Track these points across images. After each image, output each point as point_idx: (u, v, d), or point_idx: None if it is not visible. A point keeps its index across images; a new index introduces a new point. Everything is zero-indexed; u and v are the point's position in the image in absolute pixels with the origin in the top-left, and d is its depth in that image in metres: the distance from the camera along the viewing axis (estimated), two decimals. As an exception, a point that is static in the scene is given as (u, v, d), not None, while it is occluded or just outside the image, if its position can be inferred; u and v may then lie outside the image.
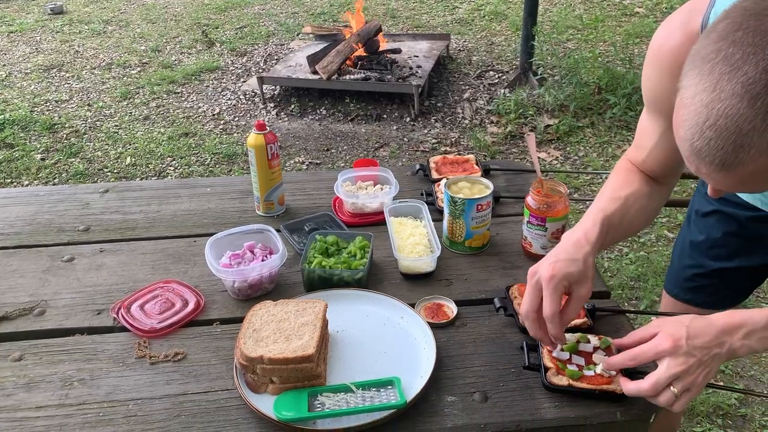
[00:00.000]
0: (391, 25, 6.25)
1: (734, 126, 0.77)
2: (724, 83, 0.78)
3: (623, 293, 2.83)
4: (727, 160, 0.80)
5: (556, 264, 1.07)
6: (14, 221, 1.65)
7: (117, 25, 6.68)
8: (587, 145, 4.08)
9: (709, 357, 0.98)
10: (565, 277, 1.06)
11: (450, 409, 1.07)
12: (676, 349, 0.98)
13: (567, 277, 1.06)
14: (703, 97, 0.80)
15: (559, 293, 1.06)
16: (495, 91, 4.79)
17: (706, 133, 0.80)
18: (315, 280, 1.36)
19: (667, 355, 0.98)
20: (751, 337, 0.98)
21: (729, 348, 0.98)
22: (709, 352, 0.98)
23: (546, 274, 1.06)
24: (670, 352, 0.98)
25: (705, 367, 0.98)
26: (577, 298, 1.09)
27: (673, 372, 0.97)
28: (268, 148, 1.56)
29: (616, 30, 5.75)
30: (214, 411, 1.08)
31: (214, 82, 5.20)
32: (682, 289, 1.54)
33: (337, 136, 4.36)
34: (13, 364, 1.19)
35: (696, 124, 0.81)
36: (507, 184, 1.75)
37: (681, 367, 0.97)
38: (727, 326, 0.99)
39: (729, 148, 0.79)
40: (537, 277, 1.08)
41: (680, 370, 0.97)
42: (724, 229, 1.44)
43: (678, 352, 0.98)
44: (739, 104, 0.77)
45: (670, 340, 0.99)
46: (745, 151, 0.78)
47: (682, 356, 0.97)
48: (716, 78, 0.79)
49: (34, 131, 4.53)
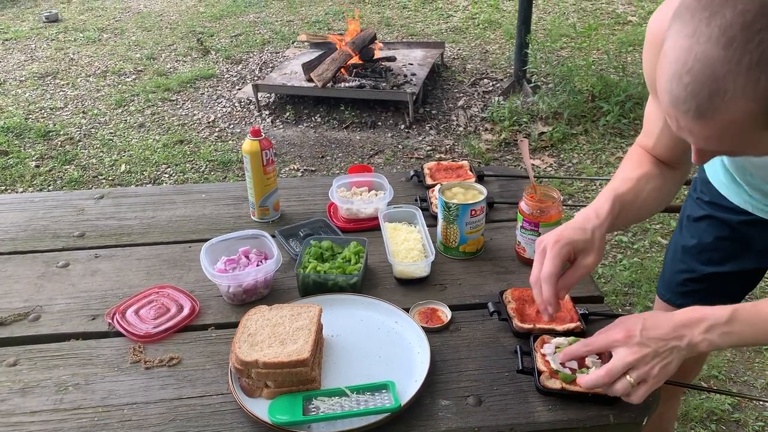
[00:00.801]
0: (385, 33, 6.28)
1: (709, 70, 0.76)
2: (703, 27, 0.77)
3: (617, 299, 2.85)
4: (702, 106, 0.79)
5: (563, 231, 1.09)
6: (9, 227, 1.65)
7: (112, 33, 6.69)
8: (581, 152, 4.11)
9: (666, 349, 0.98)
10: (569, 242, 1.07)
11: (444, 413, 1.08)
12: (629, 339, 0.99)
13: (572, 243, 1.08)
14: (683, 43, 0.79)
15: (560, 257, 1.07)
16: (489, 99, 4.81)
17: (684, 78, 0.79)
18: (310, 285, 1.36)
19: (620, 344, 1.00)
20: (713, 331, 0.98)
21: (689, 342, 0.98)
22: (666, 344, 0.98)
23: (551, 238, 1.08)
24: (622, 342, 1.00)
25: (662, 358, 0.98)
26: (581, 266, 1.09)
27: (627, 360, 0.98)
28: (263, 154, 1.57)
29: (609, 38, 5.79)
30: (209, 415, 1.08)
31: (209, 90, 5.21)
32: (675, 293, 1.55)
33: (331, 143, 4.37)
34: (8, 369, 1.19)
35: (675, 71, 0.80)
36: (501, 189, 1.76)
37: (634, 356, 0.98)
38: (687, 320, 1.00)
39: (704, 93, 0.78)
40: (543, 244, 1.10)
41: (634, 359, 0.98)
42: (715, 233, 1.44)
43: (630, 342, 0.99)
44: (715, 47, 0.76)
45: (623, 331, 1.01)
46: (720, 96, 0.77)
47: (636, 346, 0.99)
48: (696, 24, 0.78)
49: (28, 138, 4.53)
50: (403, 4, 7.23)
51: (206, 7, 7.50)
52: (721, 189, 1.40)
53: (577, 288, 1.35)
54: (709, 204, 1.44)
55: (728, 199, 1.39)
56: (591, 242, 1.09)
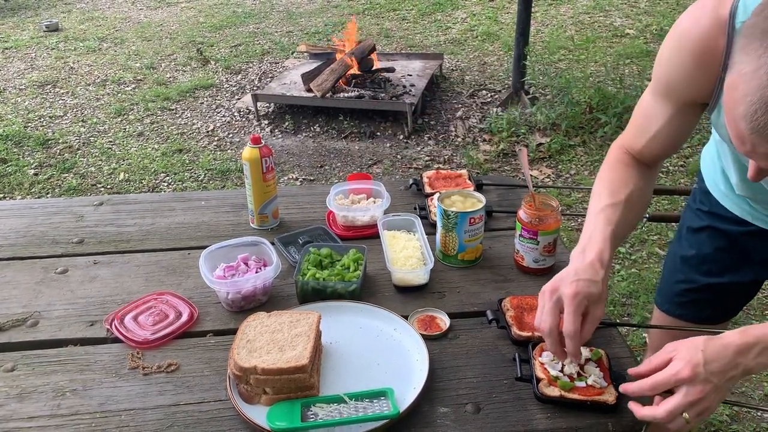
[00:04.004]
0: (385, 44, 6.31)
1: None
2: None
3: (615, 310, 2.85)
4: None
5: (578, 283, 1.07)
6: (8, 233, 1.65)
7: (112, 43, 6.72)
8: (579, 163, 4.12)
9: (724, 381, 0.97)
10: (586, 296, 1.06)
11: (442, 420, 1.08)
12: (695, 377, 0.96)
13: (588, 297, 1.07)
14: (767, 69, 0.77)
15: (580, 311, 1.06)
16: (487, 110, 4.83)
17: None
18: (309, 292, 1.36)
19: (686, 383, 0.97)
20: (765, 354, 0.97)
21: (744, 368, 0.97)
22: (725, 375, 0.97)
23: (569, 291, 1.06)
24: (689, 380, 0.97)
25: (720, 391, 0.97)
26: (593, 319, 1.09)
27: (691, 400, 0.96)
28: (263, 161, 1.57)
29: (606, 51, 5.83)
30: (206, 422, 1.08)
31: (209, 100, 5.22)
32: (673, 304, 1.55)
33: (330, 153, 4.38)
34: (6, 375, 1.19)
35: (761, 98, 0.78)
36: (499, 198, 1.77)
37: (698, 395, 0.96)
38: (742, 347, 0.97)
39: None
40: (558, 295, 1.08)
41: (697, 398, 0.96)
42: (715, 244, 1.44)
43: (697, 379, 0.96)
44: None
45: (689, 368, 0.97)
46: None
47: (700, 384, 0.96)
48: None
49: (27, 146, 4.53)
50: (403, 16, 7.28)
51: (206, 17, 7.53)
52: (721, 200, 1.41)
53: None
54: (708, 215, 1.45)
55: (728, 209, 1.39)
56: (601, 295, 1.08)
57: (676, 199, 3.55)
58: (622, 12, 6.88)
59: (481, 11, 7.22)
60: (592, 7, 7.03)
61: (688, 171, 3.93)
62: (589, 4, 7.14)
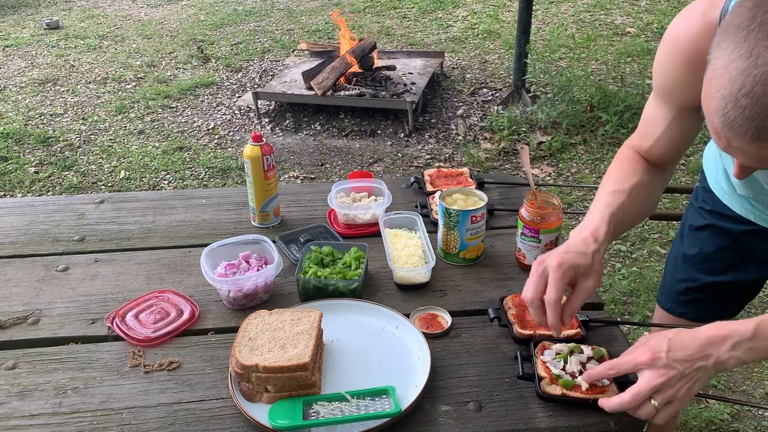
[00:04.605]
0: (385, 42, 6.31)
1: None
2: (761, 49, 0.75)
3: (616, 308, 2.84)
4: (761, 128, 0.77)
5: (565, 254, 1.09)
6: (9, 231, 1.64)
7: (113, 41, 6.71)
8: (579, 161, 4.12)
9: (692, 370, 0.97)
10: (572, 266, 1.08)
11: (444, 419, 1.08)
12: (654, 362, 0.98)
13: (574, 268, 1.08)
14: (738, 64, 0.77)
15: (564, 281, 1.07)
16: (488, 108, 4.83)
17: (741, 101, 0.77)
18: (310, 290, 1.36)
19: (646, 367, 0.99)
20: (739, 348, 0.97)
21: (716, 360, 0.97)
22: (692, 365, 0.97)
23: (554, 262, 1.08)
24: (648, 365, 0.98)
25: (688, 380, 0.97)
26: (582, 290, 1.10)
27: (653, 384, 0.97)
28: (264, 159, 1.57)
29: (607, 49, 5.82)
30: (208, 420, 1.08)
31: (209, 97, 5.22)
32: (675, 302, 1.55)
33: (331, 151, 4.38)
34: (7, 373, 1.19)
35: (730, 92, 0.78)
36: (501, 197, 1.76)
37: (660, 379, 0.97)
38: (713, 338, 0.98)
39: (765, 115, 0.76)
40: (544, 265, 1.09)
41: (660, 382, 0.97)
42: (717, 243, 1.44)
43: (656, 364, 0.97)
44: None
45: (649, 353, 0.99)
46: None
47: (662, 368, 0.97)
48: (752, 45, 0.76)
49: (28, 144, 4.53)
50: (403, 14, 7.26)
51: (207, 15, 7.52)
52: (723, 198, 1.40)
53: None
54: (711, 213, 1.45)
55: (730, 208, 1.39)
56: (591, 266, 1.10)
57: (677, 198, 3.55)
58: (623, 10, 6.87)
59: (482, 9, 7.21)
60: (593, 6, 7.02)
61: (688, 169, 3.93)
62: (590, 2, 7.13)
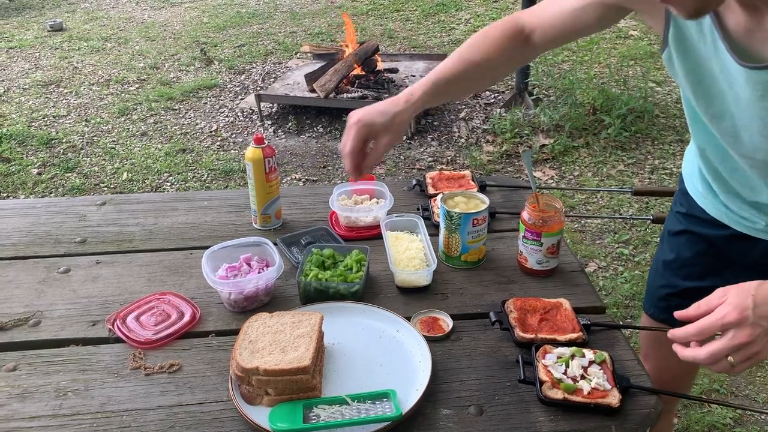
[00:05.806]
0: (388, 45, 6.31)
1: None
2: None
3: (618, 312, 2.84)
4: None
5: (366, 113, 1.22)
6: (11, 232, 1.65)
7: (116, 43, 6.73)
8: (582, 164, 4.11)
9: None
10: (367, 124, 1.20)
11: (445, 422, 1.07)
12: (743, 320, 0.93)
13: (369, 126, 1.20)
14: None
15: (358, 136, 1.23)
16: (491, 111, 4.83)
17: None
18: (311, 292, 1.36)
19: (733, 327, 0.94)
20: None
21: None
22: None
23: (353, 119, 1.21)
24: (736, 324, 0.94)
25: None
26: (378, 146, 1.24)
27: (736, 343, 0.93)
28: (266, 161, 1.57)
29: (610, 52, 5.82)
30: (208, 422, 1.08)
31: (212, 100, 5.23)
32: (657, 308, 1.53)
33: (333, 153, 4.38)
34: (7, 375, 1.19)
35: None
36: (503, 200, 1.76)
37: (746, 339, 0.93)
38: None
39: None
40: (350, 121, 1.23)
41: (744, 342, 0.93)
42: (694, 248, 1.42)
43: (745, 323, 0.93)
44: None
45: (737, 312, 0.94)
46: None
47: (749, 328, 0.93)
48: None
49: (31, 146, 4.54)
50: (406, 17, 7.27)
51: (210, 17, 7.54)
52: (698, 200, 1.38)
53: (580, 298, 1.36)
54: (686, 217, 1.42)
55: (705, 210, 1.37)
56: (389, 125, 1.20)
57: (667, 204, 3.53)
58: (626, 13, 6.86)
59: (485, 12, 7.21)
60: (596, 9, 7.02)
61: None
62: (593, 5, 7.12)
